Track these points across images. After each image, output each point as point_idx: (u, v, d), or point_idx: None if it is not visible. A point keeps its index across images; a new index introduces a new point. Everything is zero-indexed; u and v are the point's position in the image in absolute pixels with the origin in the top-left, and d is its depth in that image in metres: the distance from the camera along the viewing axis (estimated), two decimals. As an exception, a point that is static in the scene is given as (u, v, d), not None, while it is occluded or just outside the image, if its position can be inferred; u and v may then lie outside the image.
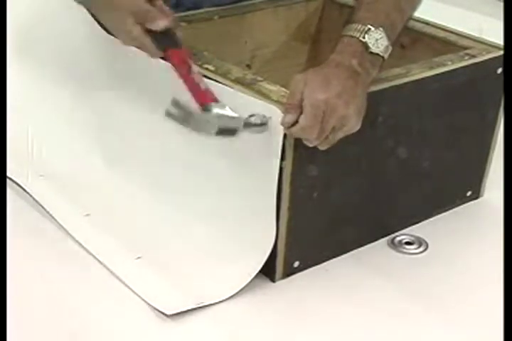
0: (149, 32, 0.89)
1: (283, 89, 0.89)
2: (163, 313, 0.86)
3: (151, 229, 1.00)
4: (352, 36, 0.88)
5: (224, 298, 0.88)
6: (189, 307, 0.86)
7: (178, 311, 0.86)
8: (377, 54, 0.88)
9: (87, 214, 1.02)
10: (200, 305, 0.87)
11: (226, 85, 0.90)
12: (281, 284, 0.92)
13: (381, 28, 0.88)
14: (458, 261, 0.98)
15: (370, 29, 0.88)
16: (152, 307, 0.87)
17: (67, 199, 1.05)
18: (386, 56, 0.89)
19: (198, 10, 1.15)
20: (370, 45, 0.87)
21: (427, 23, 1.11)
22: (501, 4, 1.18)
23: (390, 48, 0.89)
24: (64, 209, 1.03)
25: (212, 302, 0.87)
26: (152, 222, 1.01)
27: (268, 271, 0.92)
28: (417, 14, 1.04)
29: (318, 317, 0.88)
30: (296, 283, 0.93)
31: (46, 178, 1.09)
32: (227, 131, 0.86)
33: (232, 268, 0.91)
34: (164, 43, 0.90)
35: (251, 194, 0.90)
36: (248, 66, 1.17)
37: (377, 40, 0.88)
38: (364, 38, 0.87)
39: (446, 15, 1.20)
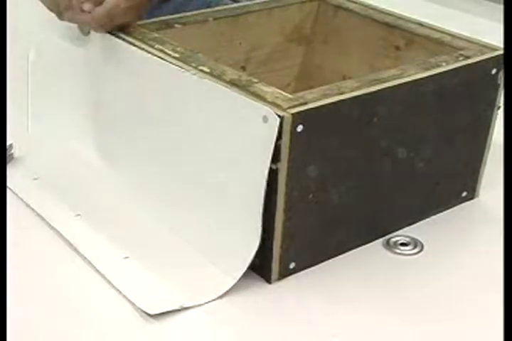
0: None
1: (278, 90, 0.89)
2: (148, 314, 0.86)
3: (140, 229, 1.00)
4: None
5: (206, 301, 0.88)
6: (171, 309, 0.87)
7: (161, 312, 0.86)
8: None
9: (78, 215, 1.02)
10: (182, 307, 0.87)
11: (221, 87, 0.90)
12: (277, 285, 0.93)
13: None
14: (453, 262, 0.98)
15: None
16: (137, 307, 0.87)
17: (58, 201, 1.05)
18: None
19: (189, 7, 1.15)
20: None
21: (422, 24, 1.11)
22: (494, 5, 1.19)
23: None
24: (54, 210, 1.03)
25: (195, 304, 0.88)
26: (142, 222, 1.01)
27: (264, 272, 0.92)
28: (411, 15, 1.05)
29: (314, 318, 0.88)
30: (292, 284, 0.93)
31: (39, 180, 1.09)
32: None
33: (217, 270, 0.91)
34: None
35: (239, 195, 0.90)
36: (243, 68, 1.17)
37: None
38: None
39: (440, 16, 1.20)
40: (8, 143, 1.12)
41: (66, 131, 1.16)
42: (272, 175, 0.86)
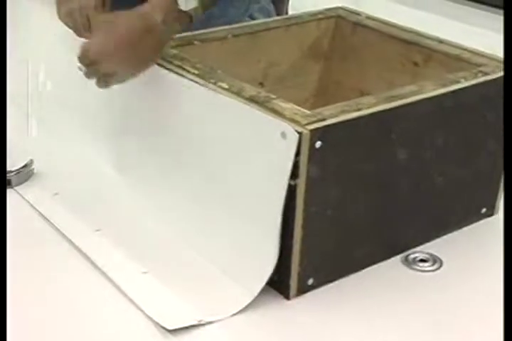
0: None
1: (296, 106, 0.89)
2: (166, 329, 0.86)
3: (159, 244, 1.00)
4: None
5: (224, 317, 0.88)
6: (189, 324, 0.87)
7: (179, 327, 0.86)
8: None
9: (97, 230, 1.02)
10: (200, 323, 0.87)
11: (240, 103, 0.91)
12: (296, 301, 0.92)
13: None
14: (472, 278, 0.98)
15: None
16: (155, 322, 0.87)
17: (78, 216, 1.05)
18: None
19: (210, 26, 1.16)
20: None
21: (440, 41, 1.11)
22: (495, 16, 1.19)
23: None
24: (74, 225, 1.03)
25: (213, 319, 0.88)
26: (160, 237, 1.01)
27: (282, 289, 0.92)
28: (429, 32, 1.05)
29: (333, 334, 0.88)
30: (310, 300, 0.93)
31: (59, 195, 1.10)
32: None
33: (236, 286, 0.92)
34: None
35: (258, 211, 0.91)
36: (261, 84, 1.17)
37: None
38: None
39: (458, 32, 1.20)
40: (28, 159, 1.13)
41: (85, 146, 1.17)
42: (290, 191, 0.87)
